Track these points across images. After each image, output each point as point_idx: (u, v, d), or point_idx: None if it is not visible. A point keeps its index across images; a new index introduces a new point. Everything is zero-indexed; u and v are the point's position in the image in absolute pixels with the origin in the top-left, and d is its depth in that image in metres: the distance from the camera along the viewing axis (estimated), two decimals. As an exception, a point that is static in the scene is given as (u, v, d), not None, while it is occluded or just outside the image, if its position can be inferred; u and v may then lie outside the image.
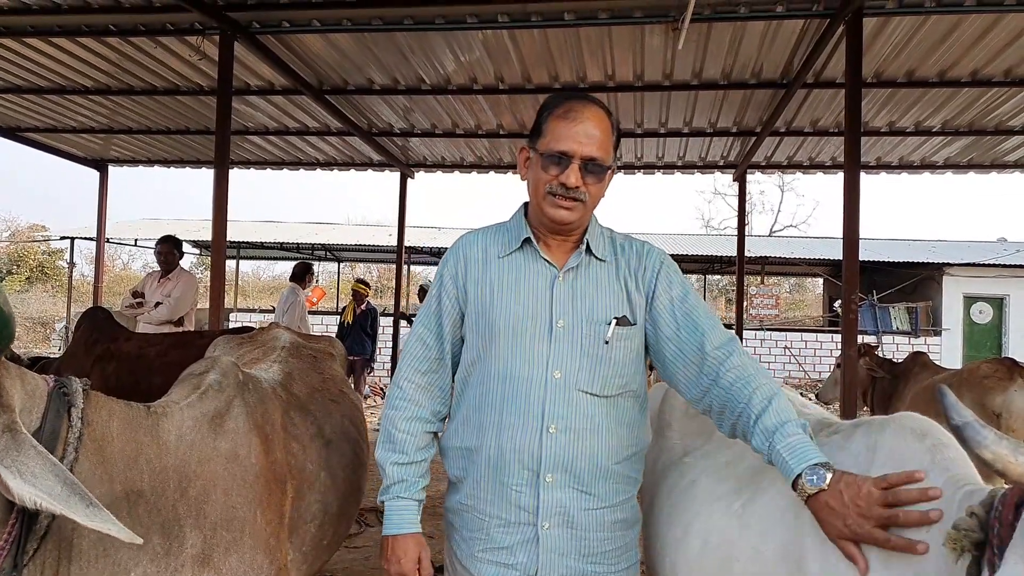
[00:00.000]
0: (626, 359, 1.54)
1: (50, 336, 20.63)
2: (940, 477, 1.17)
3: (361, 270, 32.01)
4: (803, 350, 16.05)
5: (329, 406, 2.12)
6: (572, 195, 1.49)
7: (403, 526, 1.56)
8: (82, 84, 6.44)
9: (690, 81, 5.91)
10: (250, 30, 4.95)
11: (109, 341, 3.70)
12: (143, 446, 1.37)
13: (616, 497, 1.53)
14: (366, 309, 8.80)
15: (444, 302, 1.61)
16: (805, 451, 1.28)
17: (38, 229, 29.00)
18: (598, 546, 1.51)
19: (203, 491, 1.46)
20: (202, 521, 1.44)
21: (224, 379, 1.63)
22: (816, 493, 1.22)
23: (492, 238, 1.62)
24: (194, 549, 1.41)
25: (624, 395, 1.54)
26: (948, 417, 0.92)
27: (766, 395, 1.38)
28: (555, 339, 1.50)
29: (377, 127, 7.54)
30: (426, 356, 1.62)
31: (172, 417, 1.47)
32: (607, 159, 1.50)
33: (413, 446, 1.58)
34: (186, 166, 9.43)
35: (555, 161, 1.49)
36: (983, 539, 1.00)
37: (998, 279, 16.05)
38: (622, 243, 1.62)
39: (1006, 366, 4.56)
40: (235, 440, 1.56)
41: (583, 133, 1.47)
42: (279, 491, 1.66)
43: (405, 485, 1.57)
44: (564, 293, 1.53)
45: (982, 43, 4.95)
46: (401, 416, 1.59)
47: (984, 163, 8.00)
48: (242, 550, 1.50)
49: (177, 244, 5.96)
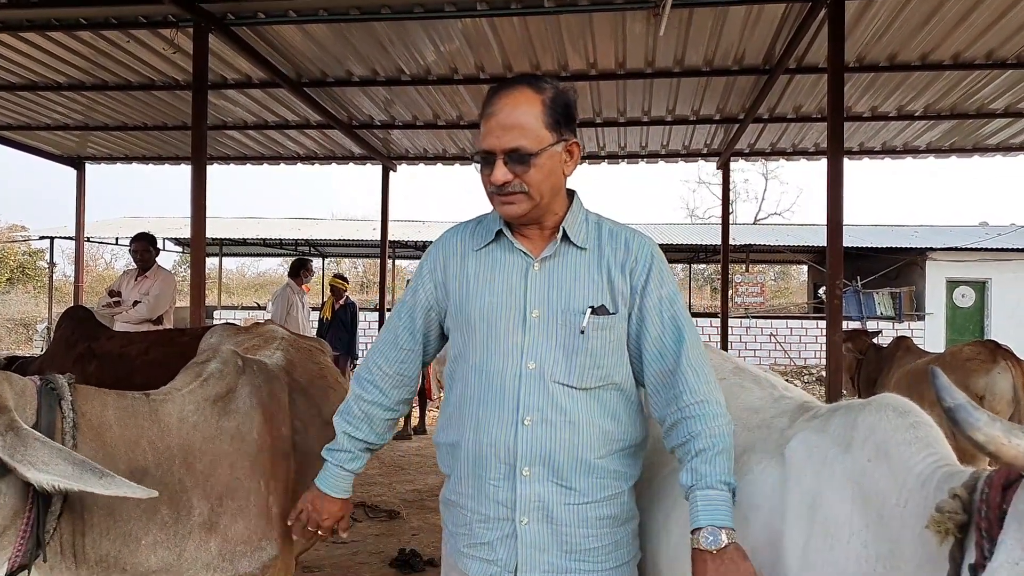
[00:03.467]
0: (605, 349, 1.48)
1: (32, 337, 20.36)
2: (921, 452, 1.16)
3: (346, 265, 31.85)
4: (788, 337, 16.16)
5: (327, 392, 2.29)
6: (507, 190, 1.44)
7: (336, 490, 1.67)
8: (55, 80, 6.32)
9: (672, 68, 5.88)
10: (225, 22, 4.86)
11: (90, 340, 3.66)
12: (144, 430, 1.52)
13: (600, 492, 1.48)
14: (345, 304, 8.75)
15: (419, 296, 1.62)
16: (717, 509, 1.32)
17: (17, 229, 28.59)
18: (581, 542, 1.46)
19: (210, 465, 1.62)
20: (209, 492, 1.60)
21: (224, 367, 1.78)
22: (703, 551, 1.29)
23: (471, 231, 1.61)
24: (201, 517, 1.58)
25: (606, 387, 1.49)
26: (940, 399, 0.90)
27: (711, 439, 1.39)
28: (529, 329, 1.47)
29: (357, 120, 7.47)
30: (395, 345, 1.65)
31: (174, 402, 1.63)
32: (534, 144, 1.42)
33: (366, 427, 1.65)
34: (165, 162, 9.29)
35: (485, 161, 1.46)
36: (966, 521, 0.98)
37: (980, 263, 16.21)
38: (611, 229, 1.55)
39: (988, 348, 4.61)
40: (240, 419, 1.73)
41: (498, 126, 1.43)
42: (284, 464, 1.83)
43: (350, 456, 1.66)
44: (539, 283, 1.50)
45: (964, 24, 4.94)
46: (365, 397, 1.65)
47: (966, 147, 8.06)
48: (248, 517, 1.66)
49: (152, 241, 5.87)
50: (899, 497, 1.13)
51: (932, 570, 1.03)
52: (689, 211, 37.79)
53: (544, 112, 1.44)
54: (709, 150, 8.45)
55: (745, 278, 16.35)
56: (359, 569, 4.10)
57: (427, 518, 5.09)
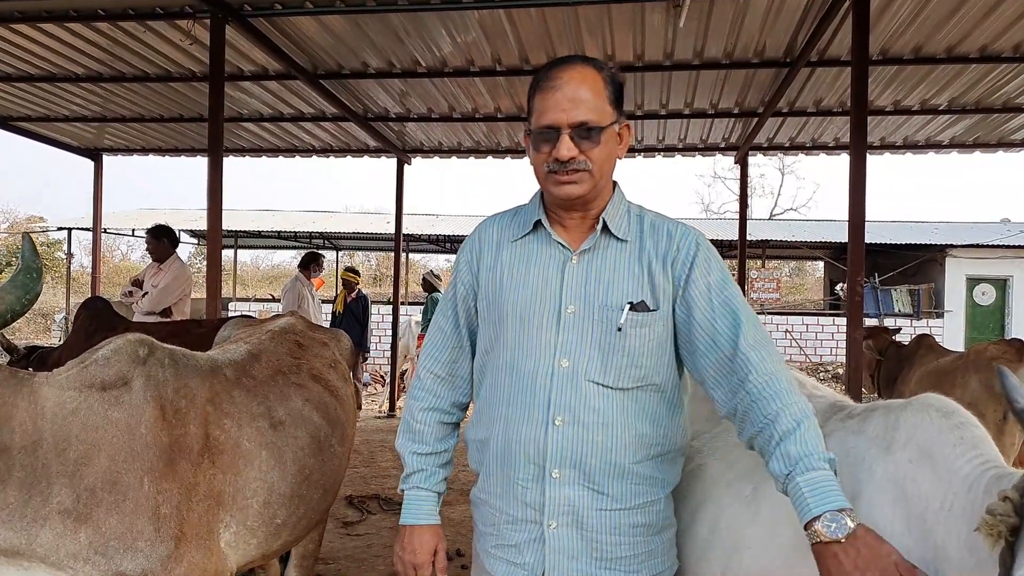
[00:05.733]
0: (644, 348, 1.41)
1: (50, 327, 20.61)
2: (967, 454, 1.11)
3: (360, 259, 31.95)
4: (804, 333, 16.02)
5: (288, 390, 2.19)
6: (571, 167, 1.37)
7: (420, 517, 1.53)
8: (73, 71, 6.34)
9: (691, 61, 5.80)
10: (242, 13, 4.84)
11: (108, 331, 3.67)
12: (17, 408, 1.51)
13: (636, 499, 1.41)
14: (357, 297, 8.75)
15: (459, 289, 1.57)
16: (828, 491, 1.15)
17: (36, 220, 28.94)
18: (613, 550, 1.40)
19: (85, 454, 1.58)
20: (77, 481, 1.56)
21: (114, 355, 1.72)
22: (830, 542, 1.11)
23: (508, 222, 1.56)
24: (61, 505, 1.54)
25: (644, 388, 1.42)
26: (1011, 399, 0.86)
27: (795, 417, 1.24)
28: (563, 326, 1.41)
29: (373, 112, 7.44)
30: (444, 345, 1.59)
31: (52, 386, 1.60)
32: (601, 119, 1.38)
33: (432, 436, 1.56)
34: (181, 154, 9.33)
35: (545, 137, 1.39)
36: (1019, 524, 0.94)
37: (1001, 260, 15.98)
38: (653, 221, 1.49)
39: (1015, 348, 4.51)
40: (130, 411, 1.67)
41: (565, 99, 1.36)
42: (188, 464, 1.74)
43: (424, 475, 1.55)
44: (576, 277, 1.43)
45: (992, 17, 4.84)
46: (419, 406, 1.57)
47: (990, 142, 7.92)
48: (123, 513, 1.60)
49: (161, 233, 5.76)
50: (944, 500, 1.08)
51: (979, 574, 0.99)
52: (704, 206, 37.54)
53: (606, 88, 1.41)
54: (727, 144, 8.36)
55: (761, 274, 16.23)
56: (373, 562, 4.10)
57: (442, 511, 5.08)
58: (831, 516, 1.12)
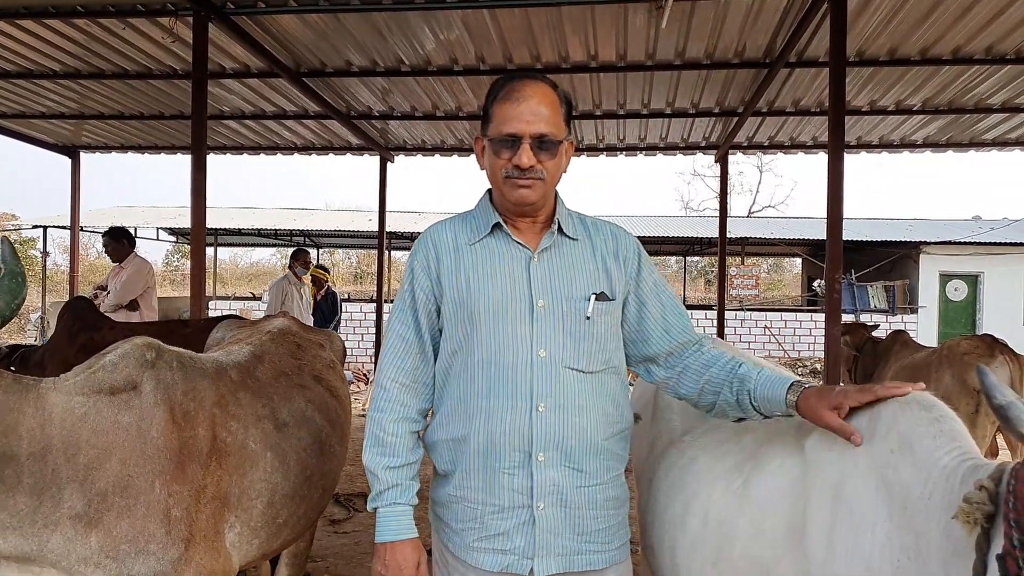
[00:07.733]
0: (607, 334, 1.57)
1: (25, 327, 20.23)
2: (946, 446, 1.17)
3: (340, 256, 31.76)
4: (783, 329, 16.21)
5: (292, 391, 2.19)
6: (529, 175, 1.49)
7: (400, 532, 1.51)
8: (50, 68, 6.25)
9: (673, 61, 5.88)
10: (224, 10, 4.82)
11: (92, 331, 3.67)
12: (25, 416, 1.50)
13: (606, 474, 1.54)
14: (326, 294, 8.71)
15: (418, 295, 1.58)
16: (785, 379, 1.47)
17: (8, 218, 28.36)
18: (590, 524, 1.52)
19: (96, 459, 1.57)
20: (88, 486, 1.55)
21: (122, 359, 1.71)
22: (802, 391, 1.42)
23: (460, 227, 1.61)
24: (72, 510, 1.53)
25: (607, 371, 1.56)
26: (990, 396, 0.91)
27: (742, 362, 1.54)
28: (537, 319, 1.51)
29: (356, 110, 7.43)
30: (407, 353, 1.58)
31: (60, 391, 1.59)
32: (558, 133, 1.51)
33: (404, 447, 1.54)
34: (161, 152, 9.25)
35: (507, 145, 1.50)
36: (993, 512, 1.00)
37: (973, 256, 16.30)
38: (594, 222, 1.66)
39: (986, 343, 4.64)
40: (140, 414, 1.67)
41: (528, 111, 1.48)
42: (197, 466, 1.74)
43: (400, 490, 1.53)
44: (541, 273, 1.55)
45: (964, 20, 4.96)
46: (388, 418, 1.55)
47: (963, 142, 8.10)
48: (134, 517, 1.60)
49: (120, 235, 5.90)
50: (924, 489, 1.14)
51: (957, 561, 1.05)
52: (684, 203, 37.85)
53: (561, 106, 1.54)
54: (708, 143, 8.46)
55: (740, 270, 16.41)
56: (361, 559, 4.11)
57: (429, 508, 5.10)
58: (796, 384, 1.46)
